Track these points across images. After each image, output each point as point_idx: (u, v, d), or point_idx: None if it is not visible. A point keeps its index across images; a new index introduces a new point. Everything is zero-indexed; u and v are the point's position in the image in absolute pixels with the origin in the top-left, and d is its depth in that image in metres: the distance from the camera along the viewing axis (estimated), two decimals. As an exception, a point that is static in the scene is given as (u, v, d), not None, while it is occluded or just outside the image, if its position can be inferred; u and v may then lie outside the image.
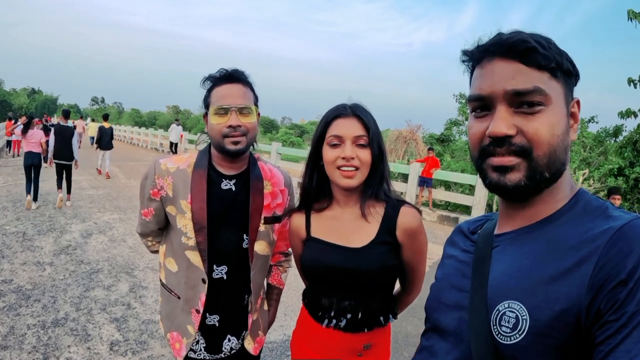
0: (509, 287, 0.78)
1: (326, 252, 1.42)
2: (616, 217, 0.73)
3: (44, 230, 6.58)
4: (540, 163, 0.77)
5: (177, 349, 1.69)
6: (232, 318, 1.70)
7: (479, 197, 10.42)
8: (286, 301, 4.51)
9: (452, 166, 15.15)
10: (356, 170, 1.35)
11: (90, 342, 3.47)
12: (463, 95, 20.66)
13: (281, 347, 3.60)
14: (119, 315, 3.97)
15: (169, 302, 1.73)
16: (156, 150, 26.90)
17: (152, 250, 1.89)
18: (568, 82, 0.81)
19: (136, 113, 77.08)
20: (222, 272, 1.63)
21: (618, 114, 8.74)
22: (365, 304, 1.40)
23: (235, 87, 1.55)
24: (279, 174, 1.76)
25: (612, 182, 9.75)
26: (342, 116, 1.39)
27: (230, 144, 1.53)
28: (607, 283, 0.66)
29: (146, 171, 1.67)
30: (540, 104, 0.76)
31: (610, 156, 11.18)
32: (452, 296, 0.92)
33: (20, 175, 11.84)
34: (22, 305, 4.02)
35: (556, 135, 0.77)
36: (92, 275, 4.90)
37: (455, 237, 1.09)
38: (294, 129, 55.24)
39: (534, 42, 0.77)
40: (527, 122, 0.77)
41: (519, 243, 0.83)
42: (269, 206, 1.67)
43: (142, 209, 1.73)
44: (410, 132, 22.04)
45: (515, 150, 0.77)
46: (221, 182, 1.62)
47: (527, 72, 0.77)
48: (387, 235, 1.39)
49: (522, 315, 0.73)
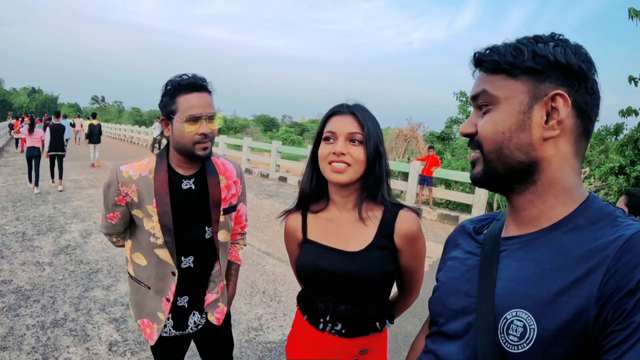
0: (517, 295, 0.78)
1: (322, 255, 1.40)
2: (626, 226, 0.73)
3: (43, 230, 6.58)
4: (489, 158, 0.84)
5: (148, 334, 1.83)
6: (200, 297, 1.87)
7: (479, 196, 10.40)
8: (285, 301, 4.51)
9: (453, 164, 15.13)
10: (347, 167, 1.33)
11: (89, 342, 3.47)
12: (464, 93, 20.64)
13: (280, 347, 3.59)
14: (118, 315, 3.97)
15: (138, 292, 1.85)
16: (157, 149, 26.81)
17: (117, 246, 1.99)
18: (536, 78, 0.80)
19: (136, 112, 76.91)
20: (189, 261, 1.79)
21: (619, 112, 8.73)
22: (362, 309, 1.39)
23: (203, 95, 1.65)
24: (230, 166, 1.87)
25: (613, 181, 9.73)
26: (338, 113, 1.40)
27: (201, 149, 1.65)
28: (615, 293, 0.66)
29: (108, 179, 1.73)
30: (486, 104, 0.85)
31: (611, 154, 11.16)
32: (458, 301, 0.91)
33: (20, 175, 12.01)
34: (21, 305, 4.02)
35: (500, 132, 0.82)
36: (91, 275, 4.90)
37: (458, 238, 1.08)
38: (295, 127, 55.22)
39: (490, 52, 0.85)
40: (480, 120, 0.86)
41: (527, 249, 0.83)
42: (226, 198, 1.82)
43: (108, 214, 1.80)
44: (410, 130, 22.01)
45: (476, 146, 0.87)
46: (181, 182, 1.73)
47: (483, 78, 0.86)
48: (384, 240, 1.38)
49: (529, 324, 0.73)
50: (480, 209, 10.28)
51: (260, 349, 3.54)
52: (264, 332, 3.84)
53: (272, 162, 16.43)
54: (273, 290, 4.84)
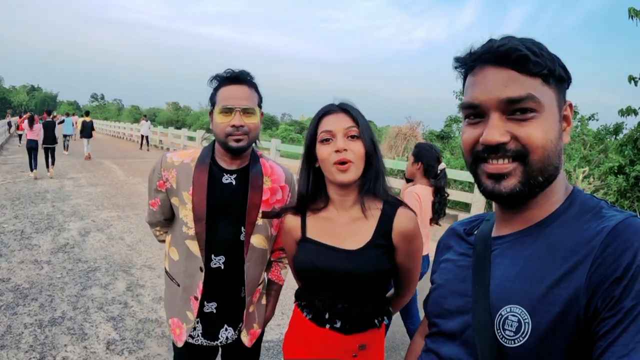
0: (510, 291, 0.80)
1: (321, 254, 1.41)
2: (610, 217, 0.75)
3: (42, 229, 6.57)
4: (535, 168, 0.79)
5: (177, 334, 1.78)
6: (229, 307, 1.77)
7: (478, 195, 10.38)
8: (283, 300, 4.48)
9: (452, 163, 15.11)
10: (350, 164, 1.35)
11: (87, 341, 3.46)
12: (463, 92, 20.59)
13: (277, 347, 3.59)
14: (116, 314, 3.96)
15: (170, 289, 1.82)
16: (155, 147, 26.82)
17: (159, 240, 1.96)
18: (560, 87, 0.82)
19: (136, 110, 76.78)
20: (219, 262, 1.71)
21: (618, 111, 8.71)
22: (360, 307, 1.39)
23: (240, 88, 1.63)
24: (280, 170, 1.81)
25: (613, 180, 9.71)
26: (331, 113, 1.41)
27: (233, 141, 1.61)
28: (603, 282, 0.68)
29: (154, 164, 1.77)
30: (533, 111, 0.77)
31: (611, 154, 11.13)
32: (454, 302, 0.94)
33: (19, 173, 12.12)
34: (19, 304, 4.02)
35: (549, 140, 0.78)
36: (89, 274, 4.89)
37: (450, 240, 1.09)
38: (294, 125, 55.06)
39: (525, 49, 0.77)
40: (520, 128, 0.78)
41: (518, 247, 0.85)
42: (268, 201, 1.73)
43: (150, 200, 1.81)
44: (410, 129, 21.95)
45: (511, 156, 0.79)
46: (222, 176, 1.70)
47: (519, 79, 0.78)
48: (382, 238, 1.39)
49: (524, 318, 0.75)
50: (480, 207, 10.27)
51: (258, 348, 3.52)
52: (265, 330, 3.81)
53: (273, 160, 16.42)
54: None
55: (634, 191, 9.63)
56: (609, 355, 0.65)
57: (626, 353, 0.63)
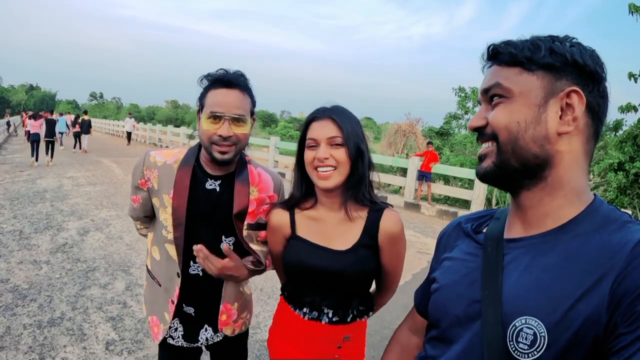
0: (526, 302, 0.77)
1: (310, 252, 1.45)
2: (635, 231, 0.73)
3: (40, 229, 6.55)
4: (505, 149, 0.82)
5: (155, 333, 1.76)
6: (207, 311, 1.73)
7: (478, 192, 10.40)
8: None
9: (452, 160, 15.12)
10: (333, 170, 1.38)
11: (86, 341, 3.45)
12: (462, 89, 20.61)
13: (278, 346, 3.57)
14: (115, 314, 3.95)
15: (152, 287, 1.78)
16: (154, 145, 26.81)
17: (141, 234, 1.91)
18: (554, 74, 0.81)
19: (135, 108, 76.79)
20: (198, 269, 1.65)
21: (618, 108, 8.71)
22: (345, 303, 1.47)
23: (233, 93, 1.50)
24: (268, 178, 1.69)
25: (612, 177, 9.71)
26: (317, 119, 1.43)
27: (218, 152, 1.51)
28: (626, 297, 0.66)
29: (137, 161, 1.70)
30: (500, 96, 0.83)
31: (610, 151, 11.12)
32: (461, 306, 0.89)
33: (18, 172, 12.10)
34: (18, 305, 4.00)
35: (515, 122, 0.81)
36: (88, 274, 4.88)
37: (455, 237, 1.05)
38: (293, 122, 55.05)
39: (503, 45, 0.85)
40: (490, 112, 0.85)
41: (534, 253, 0.81)
42: (254, 212, 1.63)
43: (132, 195, 1.76)
44: (409, 126, 21.98)
45: (489, 138, 0.85)
46: (206, 181, 1.61)
47: (496, 71, 0.86)
48: (369, 239, 1.44)
49: (540, 332, 0.73)
50: (479, 204, 10.28)
51: (257, 347, 3.53)
52: (261, 330, 3.82)
53: (270, 158, 16.41)
54: (270, 287, 4.83)
55: (633, 188, 9.63)
56: None
57: None
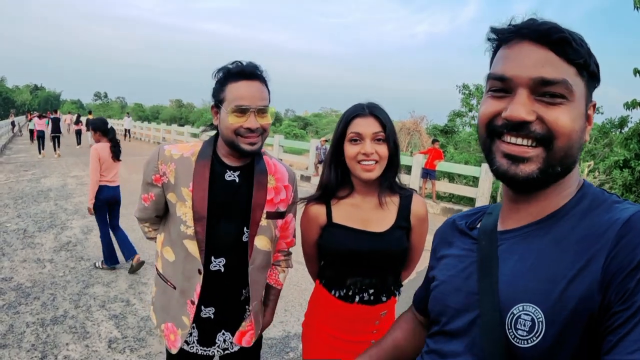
0: (521, 288, 0.76)
1: (350, 236, 1.59)
2: (622, 209, 0.73)
3: (44, 227, 6.57)
4: (557, 156, 0.75)
5: (171, 341, 1.67)
6: (228, 312, 1.68)
7: (482, 189, 10.35)
8: (286, 296, 4.48)
9: (456, 158, 15.07)
10: (376, 164, 1.53)
11: (89, 339, 3.45)
12: (466, 86, 20.55)
13: (280, 344, 3.56)
14: (118, 312, 3.95)
15: (164, 292, 1.71)
16: (158, 144, 26.82)
17: (148, 237, 1.86)
18: (590, 84, 0.79)
19: (139, 107, 76.85)
20: (220, 264, 1.60)
21: (623, 104, 8.63)
22: (384, 280, 1.62)
23: (254, 85, 1.50)
24: (283, 169, 1.72)
25: (618, 174, 9.64)
26: (361, 115, 1.55)
27: (247, 144, 1.51)
28: (617, 275, 0.66)
29: (149, 156, 1.65)
30: (563, 97, 0.74)
31: (616, 148, 11.05)
32: (459, 299, 0.89)
33: (22, 172, 12.18)
34: (21, 303, 4.01)
35: (575, 130, 0.76)
36: (91, 272, 4.88)
37: (450, 235, 1.05)
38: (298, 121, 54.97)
39: (568, 34, 0.75)
40: (548, 111, 0.75)
41: (527, 241, 0.81)
42: (272, 201, 1.65)
43: (143, 194, 1.70)
44: (413, 124, 21.95)
45: (536, 138, 0.75)
46: (225, 173, 1.60)
47: (556, 62, 0.75)
48: (403, 221, 1.62)
49: (537, 317, 0.72)
50: (484, 202, 10.23)
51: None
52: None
53: (275, 156, 16.25)
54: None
55: (639, 185, 9.56)
56: (618, 350, 0.62)
57: (636, 349, 0.60)
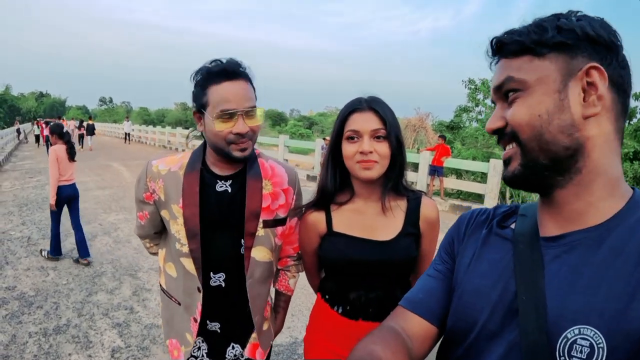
0: (577, 308, 0.67)
1: (352, 246, 1.43)
2: None
3: (48, 234, 6.47)
4: (530, 148, 0.73)
5: (175, 357, 1.62)
6: (235, 326, 1.60)
7: (491, 185, 10.21)
8: (293, 300, 4.36)
9: (463, 154, 14.94)
10: (375, 163, 1.36)
11: (92, 349, 3.39)
12: (472, 81, 20.34)
13: (288, 351, 3.48)
14: (122, 320, 3.89)
15: (168, 307, 1.64)
16: (164, 148, 26.88)
17: (150, 252, 1.78)
18: (567, 54, 0.71)
19: (144, 111, 77.20)
20: (219, 279, 1.51)
21: (632, 95, 8.50)
22: (392, 293, 1.44)
23: (238, 85, 1.37)
24: (282, 171, 1.57)
25: (628, 167, 9.48)
26: (358, 110, 1.39)
27: (238, 151, 1.39)
28: None
29: (139, 173, 1.56)
30: (515, 91, 0.75)
31: (625, 139, 10.90)
32: (494, 316, 0.77)
33: (27, 179, 12.23)
34: (24, 312, 3.96)
35: (536, 116, 0.72)
36: (95, 279, 4.83)
37: (480, 231, 0.90)
38: (303, 121, 54.92)
39: (505, 35, 0.77)
40: (507, 111, 0.77)
41: (579, 252, 0.71)
42: (269, 208, 1.51)
43: (137, 212, 1.62)
44: (419, 120, 21.85)
45: (510, 137, 0.77)
46: (216, 183, 1.48)
47: (505, 64, 0.77)
48: (411, 227, 1.44)
49: (597, 342, 0.63)
50: (493, 198, 10.10)
51: (267, 351, 3.42)
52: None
53: (280, 156, 16.30)
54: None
55: (651, 177, 9.39)
56: None
57: None
